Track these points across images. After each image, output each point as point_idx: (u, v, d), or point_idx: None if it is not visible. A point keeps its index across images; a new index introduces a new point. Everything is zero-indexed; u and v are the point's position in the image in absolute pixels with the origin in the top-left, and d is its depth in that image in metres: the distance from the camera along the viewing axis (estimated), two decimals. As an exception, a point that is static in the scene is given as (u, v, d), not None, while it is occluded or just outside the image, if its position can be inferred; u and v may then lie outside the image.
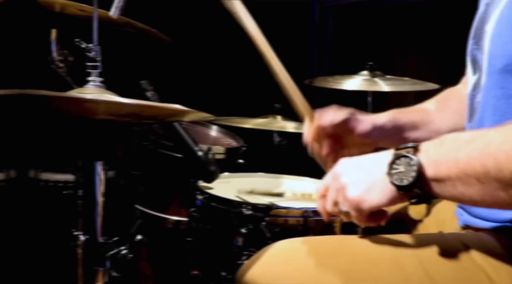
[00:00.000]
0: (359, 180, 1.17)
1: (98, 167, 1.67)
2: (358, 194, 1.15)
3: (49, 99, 1.38)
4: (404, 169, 1.09)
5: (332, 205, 1.24)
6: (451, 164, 1.03)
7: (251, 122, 2.98)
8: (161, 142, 2.54)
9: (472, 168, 1.00)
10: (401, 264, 1.18)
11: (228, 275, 1.92)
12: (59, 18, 1.92)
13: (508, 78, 1.20)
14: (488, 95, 1.29)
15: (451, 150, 1.05)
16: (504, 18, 1.23)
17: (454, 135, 1.10)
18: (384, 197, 1.14)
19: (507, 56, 1.20)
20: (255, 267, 1.33)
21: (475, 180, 1.00)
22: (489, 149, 0.98)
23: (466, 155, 1.01)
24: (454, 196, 1.06)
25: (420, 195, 1.10)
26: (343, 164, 1.24)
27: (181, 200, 2.61)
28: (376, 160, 1.19)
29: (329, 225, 1.87)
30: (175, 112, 1.52)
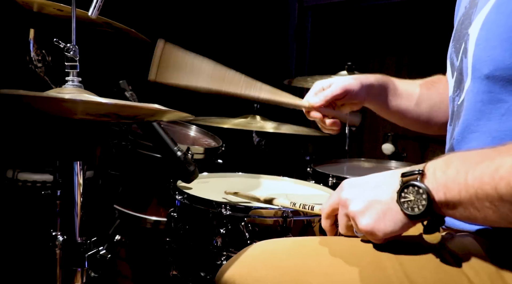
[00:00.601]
0: (368, 208, 1.17)
1: (76, 167, 1.66)
2: (370, 223, 1.16)
3: (27, 99, 1.37)
4: (413, 197, 1.09)
5: (347, 230, 1.26)
6: (461, 188, 1.03)
7: (230, 122, 2.99)
8: (140, 142, 2.53)
9: (484, 192, 0.99)
10: (381, 266, 1.18)
11: (207, 275, 1.92)
12: (37, 18, 1.91)
13: (496, 83, 1.20)
14: (472, 99, 1.29)
15: (459, 173, 1.04)
16: (491, 21, 1.22)
17: (460, 155, 1.09)
18: (397, 225, 1.14)
19: (495, 61, 1.20)
20: (234, 268, 1.33)
21: (488, 203, 1.00)
22: (500, 173, 0.97)
23: (476, 178, 1.00)
24: (468, 218, 1.06)
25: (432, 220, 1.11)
26: (348, 188, 1.24)
27: (160, 200, 2.61)
28: (382, 184, 1.19)
29: (308, 225, 1.87)
30: (154, 112, 1.52)
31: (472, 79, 1.29)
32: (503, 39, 1.18)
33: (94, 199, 2.46)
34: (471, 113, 1.30)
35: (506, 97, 1.20)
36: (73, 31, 1.59)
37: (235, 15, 2.21)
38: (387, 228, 1.14)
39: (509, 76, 1.18)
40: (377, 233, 1.15)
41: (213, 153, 2.79)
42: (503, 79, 1.19)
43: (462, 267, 1.16)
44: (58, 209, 1.85)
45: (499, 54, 1.19)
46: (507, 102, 1.20)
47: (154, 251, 2.58)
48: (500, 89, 1.20)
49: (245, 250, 1.37)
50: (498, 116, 1.21)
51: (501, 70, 1.19)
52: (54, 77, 1.86)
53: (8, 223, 2.60)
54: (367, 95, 1.72)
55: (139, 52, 3.38)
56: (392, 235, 1.16)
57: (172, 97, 1.95)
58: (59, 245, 1.77)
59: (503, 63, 1.18)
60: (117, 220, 2.62)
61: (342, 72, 3.20)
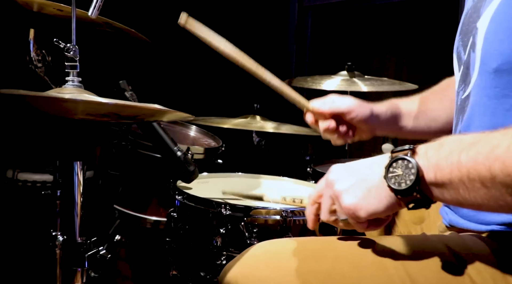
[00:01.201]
0: (354, 186, 1.14)
1: (76, 167, 1.66)
2: (354, 201, 1.13)
3: (27, 99, 1.37)
4: (401, 172, 1.06)
5: (328, 213, 1.22)
6: (454, 167, 1.00)
7: (230, 123, 2.98)
8: (140, 142, 2.54)
9: (477, 172, 0.97)
10: (383, 266, 1.18)
11: (207, 275, 1.92)
12: (37, 18, 1.91)
13: (503, 78, 1.20)
14: (479, 94, 1.28)
15: (452, 152, 1.02)
16: (500, 15, 1.21)
17: (455, 137, 1.08)
18: (382, 203, 1.11)
19: (503, 55, 1.19)
20: (237, 268, 1.32)
21: (479, 184, 0.97)
22: (495, 153, 0.95)
23: (470, 158, 0.98)
24: (456, 200, 1.03)
25: (419, 199, 1.07)
26: (336, 170, 1.22)
27: (160, 200, 2.61)
28: (371, 165, 1.17)
29: (308, 225, 1.87)
30: (154, 112, 1.52)
31: (479, 74, 1.28)
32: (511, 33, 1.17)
33: (94, 199, 2.46)
34: (476, 108, 1.29)
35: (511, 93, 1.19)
36: (73, 31, 1.59)
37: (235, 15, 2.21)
38: (370, 206, 1.11)
39: None
40: (359, 211, 1.12)
41: (213, 153, 2.79)
42: (511, 74, 1.18)
43: (465, 267, 1.15)
44: (58, 209, 1.85)
45: (507, 47, 1.18)
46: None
47: (154, 251, 2.58)
48: (506, 84, 1.19)
49: (248, 250, 1.37)
50: (503, 111, 1.20)
51: (508, 64, 1.18)
52: (54, 77, 1.86)
53: (8, 223, 2.60)
54: (377, 124, 1.70)
55: (139, 52, 3.39)
56: (376, 216, 1.13)
57: (172, 97, 1.95)
58: (59, 245, 1.77)
59: (511, 57, 1.17)
60: (117, 220, 2.62)
61: (342, 72, 3.20)
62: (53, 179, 1.87)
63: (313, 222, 1.32)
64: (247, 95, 3.74)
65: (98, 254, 1.73)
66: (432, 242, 1.23)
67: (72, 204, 1.67)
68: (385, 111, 1.70)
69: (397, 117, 1.71)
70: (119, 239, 2.57)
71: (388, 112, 1.70)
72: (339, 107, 1.67)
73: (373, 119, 1.68)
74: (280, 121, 3.06)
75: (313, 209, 1.30)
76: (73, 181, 1.66)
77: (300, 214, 1.88)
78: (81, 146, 1.67)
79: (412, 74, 4.29)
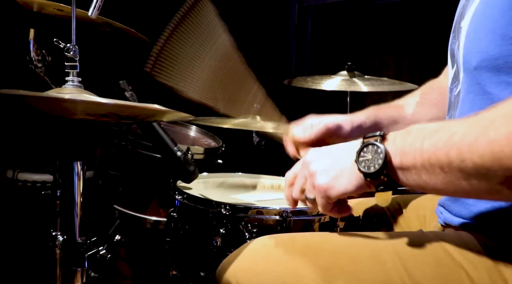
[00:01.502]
0: (328, 167, 1.21)
1: (76, 167, 1.66)
2: (326, 181, 1.19)
3: (27, 99, 1.37)
4: (371, 157, 1.12)
5: (299, 192, 1.29)
6: (417, 153, 1.06)
7: (230, 123, 2.98)
8: (140, 142, 2.54)
9: (436, 157, 1.02)
10: (381, 260, 1.20)
11: (207, 275, 1.92)
12: (37, 18, 1.91)
13: (483, 75, 1.22)
14: (466, 90, 1.31)
15: (416, 139, 1.08)
16: (479, 14, 1.25)
17: (421, 126, 1.12)
18: (352, 184, 1.18)
19: (481, 52, 1.22)
20: (235, 262, 1.34)
21: (439, 169, 1.03)
22: (453, 140, 1.00)
23: (431, 145, 1.04)
24: (419, 184, 1.09)
25: (386, 182, 1.13)
26: (313, 152, 1.27)
27: (160, 200, 2.61)
28: (345, 148, 1.23)
29: (308, 225, 1.87)
30: (154, 112, 1.52)
31: (463, 71, 1.32)
32: (488, 31, 1.19)
33: (94, 199, 2.46)
34: (465, 105, 1.32)
35: (491, 90, 1.22)
36: (73, 31, 1.59)
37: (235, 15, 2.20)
38: (341, 186, 1.18)
39: (494, 67, 1.19)
40: (331, 190, 1.19)
41: (213, 153, 2.79)
42: (489, 71, 1.21)
43: (461, 261, 1.18)
44: (58, 209, 1.86)
45: (485, 45, 1.21)
46: (491, 94, 1.22)
47: (154, 251, 2.58)
48: (486, 81, 1.22)
49: (246, 245, 1.38)
50: (486, 107, 1.23)
51: (486, 61, 1.21)
52: (54, 77, 1.86)
53: (8, 223, 2.60)
54: (358, 134, 1.70)
55: (139, 52, 3.38)
56: (345, 196, 1.20)
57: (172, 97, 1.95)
58: (59, 245, 1.77)
59: (488, 54, 1.20)
60: (117, 220, 2.62)
61: (342, 72, 3.20)
62: (53, 179, 1.87)
63: (292, 202, 1.38)
64: (247, 95, 3.74)
65: (98, 254, 1.73)
66: (429, 238, 1.25)
67: (72, 204, 1.67)
68: (365, 120, 1.72)
69: (377, 125, 1.72)
70: (119, 239, 2.58)
71: (368, 122, 1.72)
72: (318, 133, 1.68)
73: (354, 132, 1.70)
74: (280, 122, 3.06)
75: (291, 191, 1.35)
76: (73, 181, 1.66)
77: (300, 214, 1.88)
78: (81, 146, 1.67)
79: (412, 74, 4.29)
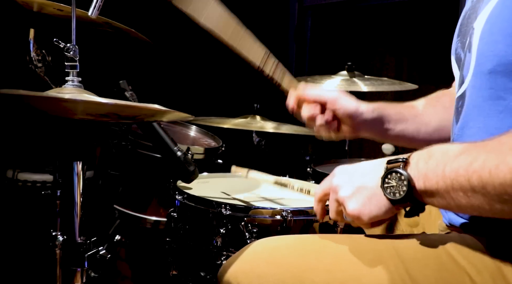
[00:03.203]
0: (355, 194, 1.21)
1: (76, 167, 1.66)
2: (357, 207, 1.20)
3: (27, 99, 1.37)
4: (395, 183, 1.14)
5: (336, 214, 1.29)
6: (439, 178, 1.08)
7: (230, 123, 2.98)
8: (140, 142, 2.53)
9: (459, 183, 1.04)
10: (383, 263, 1.19)
11: (207, 275, 1.92)
12: (37, 18, 1.91)
13: (498, 79, 1.20)
14: (474, 95, 1.29)
15: (439, 164, 1.09)
16: (496, 15, 1.21)
17: (442, 148, 1.13)
18: (381, 210, 1.19)
19: (498, 56, 1.20)
20: (237, 264, 1.34)
21: (462, 193, 1.05)
22: (473, 167, 1.02)
23: (453, 171, 1.06)
24: (444, 206, 1.12)
25: (413, 205, 1.16)
26: (339, 175, 1.27)
27: (160, 200, 2.61)
28: (369, 172, 1.23)
29: (309, 225, 1.87)
30: (154, 112, 1.52)
31: (473, 75, 1.28)
32: (507, 34, 1.17)
33: (94, 199, 2.46)
34: (471, 109, 1.30)
35: (505, 95, 1.19)
36: (73, 31, 1.59)
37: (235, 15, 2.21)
38: (372, 212, 1.19)
39: (510, 72, 1.18)
40: (363, 217, 1.20)
41: (213, 153, 2.78)
42: (505, 76, 1.19)
43: (464, 265, 1.17)
44: (58, 209, 1.85)
45: (502, 49, 1.18)
46: (506, 100, 1.20)
47: (154, 251, 2.58)
48: (501, 85, 1.20)
49: (247, 247, 1.38)
50: (496, 113, 1.21)
51: (503, 66, 1.19)
52: (54, 77, 1.86)
53: (8, 223, 2.60)
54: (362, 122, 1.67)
55: (139, 52, 3.39)
56: (377, 219, 1.21)
57: (172, 97, 1.95)
58: (59, 245, 1.77)
59: (506, 59, 1.18)
60: (117, 220, 2.62)
61: (342, 72, 3.20)
62: (53, 179, 1.87)
63: (321, 216, 1.39)
64: (247, 95, 3.74)
65: (98, 254, 1.73)
66: (432, 241, 1.25)
67: (72, 204, 1.67)
68: (372, 110, 1.68)
69: (383, 119, 1.69)
70: (119, 239, 2.57)
71: (375, 113, 1.68)
72: (324, 95, 1.67)
73: (358, 116, 1.66)
74: (280, 121, 3.06)
75: (320, 206, 1.37)
76: (73, 181, 1.66)
77: (300, 214, 1.88)
78: (81, 146, 1.67)
79: (412, 74, 4.29)
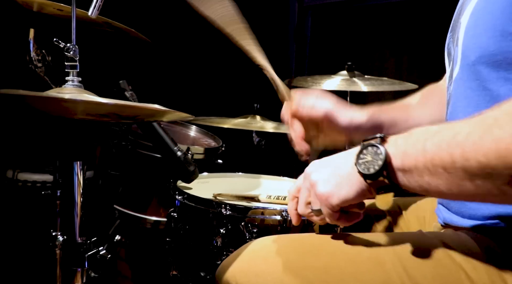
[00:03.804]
0: (328, 176, 1.19)
1: (76, 167, 1.66)
2: (327, 189, 1.18)
3: (27, 99, 1.37)
4: (371, 158, 1.11)
5: (304, 205, 1.27)
6: (419, 154, 1.05)
7: (230, 122, 2.99)
8: (140, 142, 2.54)
9: (440, 157, 1.01)
10: (380, 261, 1.19)
11: (207, 275, 1.92)
12: (37, 18, 1.91)
13: (482, 70, 1.22)
14: (461, 86, 1.31)
15: (419, 140, 1.06)
16: (479, 10, 1.24)
17: (423, 128, 1.11)
18: (352, 189, 1.16)
19: (481, 48, 1.21)
20: (235, 263, 1.34)
21: (442, 169, 1.01)
22: (457, 139, 0.99)
23: (434, 145, 1.03)
24: (421, 186, 1.08)
25: (387, 185, 1.11)
26: (314, 163, 1.26)
27: (160, 200, 2.61)
28: (345, 155, 1.21)
29: (308, 225, 1.87)
30: (154, 112, 1.52)
31: (460, 67, 1.31)
32: (488, 26, 1.19)
33: (94, 199, 2.46)
34: (460, 100, 1.31)
35: (490, 85, 1.21)
36: (73, 31, 1.59)
37: (235, 15, 2.22)
38: (341, 192, 1.16)
39: (493, 63, 1.19)
40: (332, 198, 1.17)
41: (213, 153, 2.79)
42: (488, 66, 1.20)
43: (460, 261, 1.17)
44: (58, 209, 1.86)
45: (484, 41, 1.20)
46: (491, 90, 1.21)
47: (154, 251, 2.58)
48: (485, 76, 1.21)
49: (246, 246, 1.38)
50: (484, 103, 1.22)
51: (485, 58, 1.20)
52: (54, 77, 1.86)
53: (8, 223, 2.60)
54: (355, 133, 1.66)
55: (139, 52, 3.39)
56: (348, 203, 1.18)
57: (172, 97, 1.95)
58: (59, 245, 1.77)
59: (487, 51, 1.19)
60: (117, 220, 2.62)
61: (342, 72, 3.20)
62: (53, 179, 1.87)
63: (295, 217, 1.36)
64: (247, 95, 3.74)
65: (98, 254, 1.73)
66: (429, 238, 1.26)
67: (72, 204, 1.67)
68: (366, 121, 1.66)
69: (377, 127, 1.67)
70: (119, 239, 2.57)
71: (369, 123, 1.67)
72: (317, 114, 1.64)
73: (351, 130, 1.66)
74: (280, 121, 3.06)
75: (293, 204, 1.35)
76: (73, 181, 1.66)
77: (300, 214, 1.88)
78: (81, 146, 1.67)
79: (412, 74, 4.29)
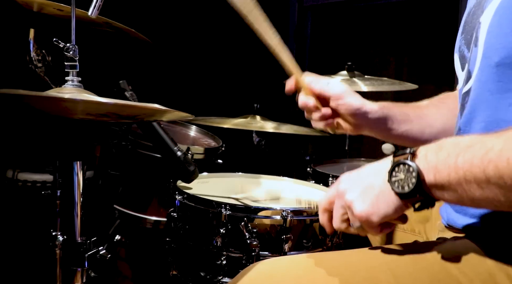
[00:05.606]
0: (363, 194, 1.17)
1: (76, 167, 1.66)
2: (365, 208, 1.16)
3: (27, 99, 1.37)
4: (403, 176, 1.10)
5: (340, 222, 1.25)
6: (451, 170, 1.04)
7: (230, 122, 2.98)
8: (140, 142, 2.53)
9: (473, 174, 1.00)
10: (375, 281, 1.18)
11: (207, 275, 1.92)
12: (37, 18, 1.91)
13: (506, 72, 1.20)
14: (480, 89, 1.28)
15: (450, 155, 1.05)
16: (504, 8, 1.21)
17: (453, 140, 1.10)
18: (390, 208, 1.14)
19: (506, 48, 1.19)
20: None
21: (475, 185, 1.00)
22: (490, 156, 0.98)
23: (466, 161, 1.01)
24: (456, 200, 1.07)
25: (423, 200, 1.11)
26: (345, 180, 1.23)
27: (160, 200, 2.61)
28: (375, 171, 1.19)
29: (309, 225, 1.87)
30: (154, 112, 1.52)
31: (480, 68, 1.27)
32: None
33: (94, 199, 2.46)
34: (478, 103, 1.29)
35: None
36: (73, 31, 1.59)
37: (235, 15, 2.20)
38: (380, 211, 1.14)
39: None
40: (372, 217, 1.15)
41: (213, 153, 2.79)
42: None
43: (456, 274, 1.16)
44: (58, 209, 1.85)
45: (510, 41, 1.18)
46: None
47: (154, 251, 2.58)
48: (509, 78, 1.19)
49: (241, 275, 1.36)
50: (505, 106, 1.20)
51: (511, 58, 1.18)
52: (54, 77, 1.86)
53: (8, 223, 2.60)
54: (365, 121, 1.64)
55: (139, 52, 3.39)
56: (387, 219, 1.16)
57: (172, 97, 1.95)
58: (59, 245, 1.77)
59: None
60: (117, 220, 2.62)
61: (342, 72, 3.20)
62: (53, 179, 1.87)
63: (329, 228, 1.33)
64: (247, 95, 3.74)
65: (98, 254, 1.73)
66: (424, 251, 1.24)
67: (72, 204, 1.67)
68: (377, 110, 1.64)
69: (388, 119, 1.66)
70: (119, 239, 2.57)
71: (379, 112, 1.64)
72: (329, 91, 1.61)
73: (361, 115, 1.63)
74: (280, 121, 3.06)
75: (326, 217, 1.32)
76: (73, 181, 1.66)
77: (300, 214, 1.88)
78: (81, 146, 1.67)
79: (412, 74, 4.29)
